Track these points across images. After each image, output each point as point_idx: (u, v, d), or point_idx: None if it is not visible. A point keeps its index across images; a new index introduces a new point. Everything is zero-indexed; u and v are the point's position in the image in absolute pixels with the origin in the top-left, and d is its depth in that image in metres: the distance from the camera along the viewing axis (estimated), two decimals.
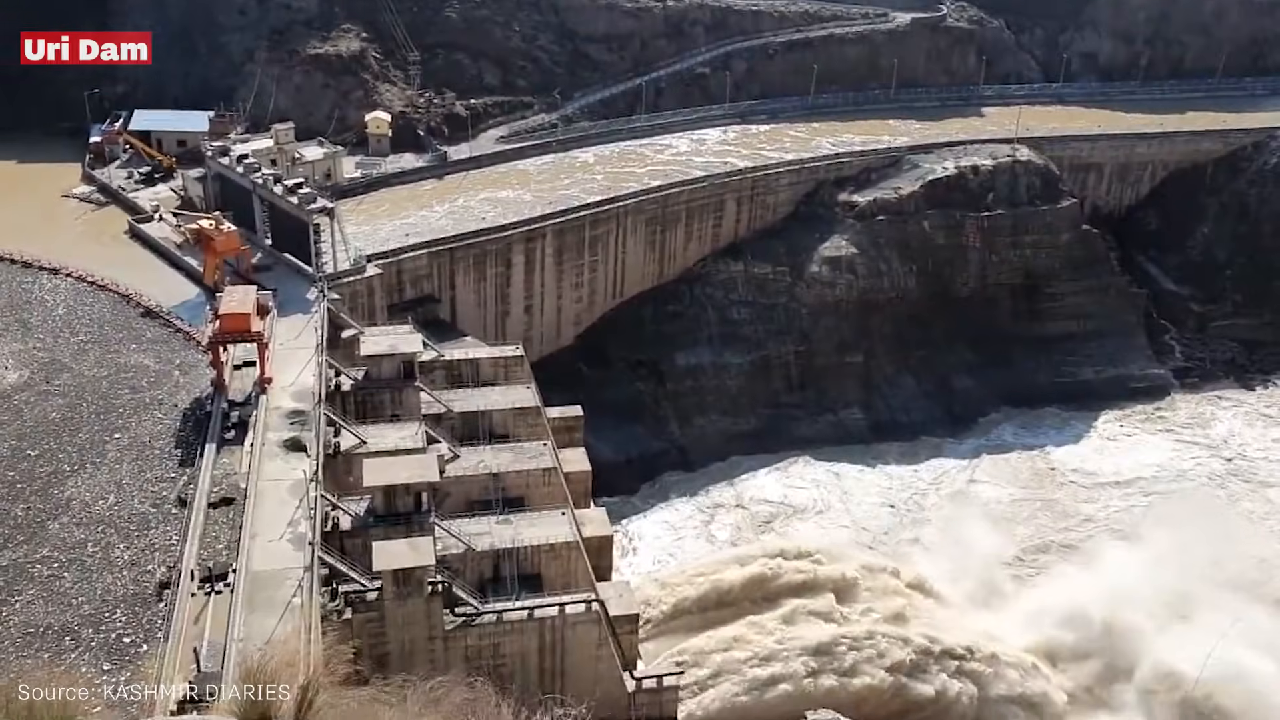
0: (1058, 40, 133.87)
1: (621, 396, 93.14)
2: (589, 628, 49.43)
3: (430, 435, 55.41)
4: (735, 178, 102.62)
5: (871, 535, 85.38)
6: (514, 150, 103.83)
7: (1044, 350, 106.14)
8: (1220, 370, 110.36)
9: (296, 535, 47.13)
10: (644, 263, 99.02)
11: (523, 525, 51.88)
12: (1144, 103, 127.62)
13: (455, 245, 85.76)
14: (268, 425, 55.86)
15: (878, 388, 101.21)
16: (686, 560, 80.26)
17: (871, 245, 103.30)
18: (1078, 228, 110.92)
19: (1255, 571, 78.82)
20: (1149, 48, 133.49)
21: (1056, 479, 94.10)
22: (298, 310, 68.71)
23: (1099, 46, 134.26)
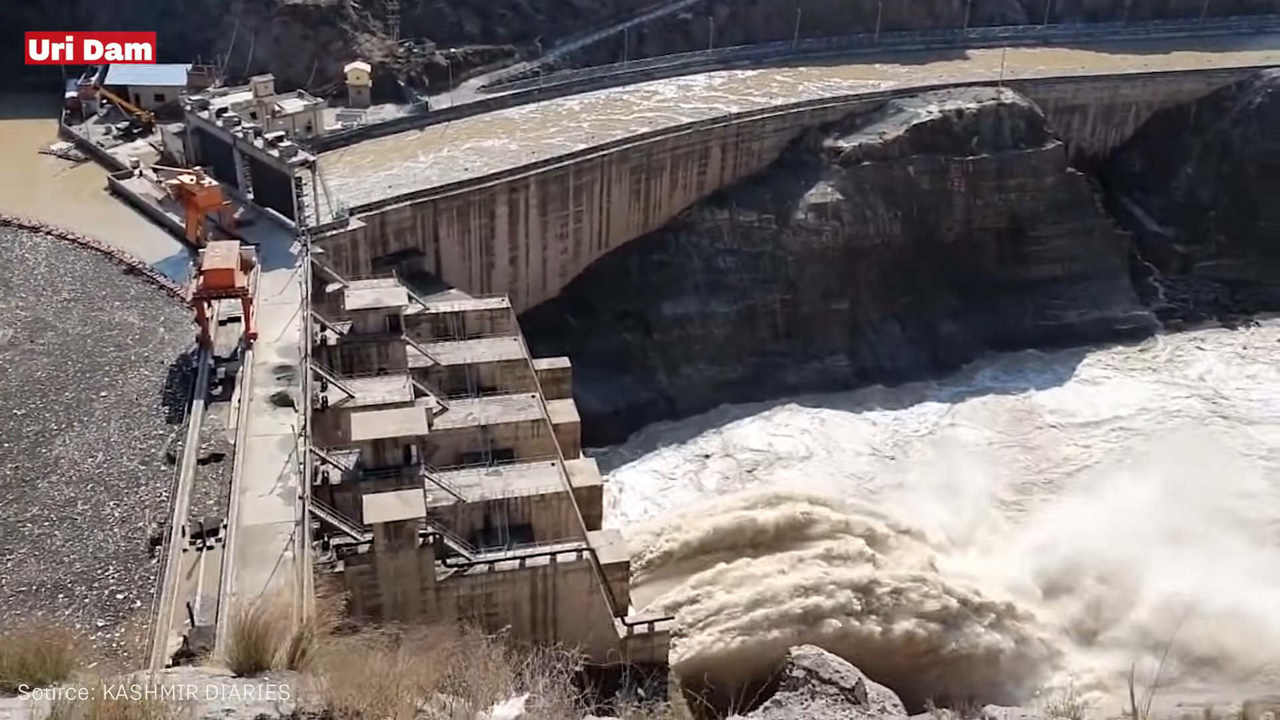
0: None
1: (608, 347, 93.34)
2: (580, 576, 50.08)
3: (418, 388, 55.62)
4: (720, 125, 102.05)
5: (857, 481, 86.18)
6: (495, 100, 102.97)
7: (1028, 294, 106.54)
8: (1204, 311, 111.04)
9: (286, 490, 47.50)
10: (629, 212, 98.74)
11: (513, 476, 52.31)
12: (1129, 43, 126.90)
13: (438, 197, 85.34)
14: (254, 381, 56.02)
15: (863, 334, 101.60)
16: (676, 508, 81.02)
17: (857, 191, 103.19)
18: (1062, 170, 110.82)
19: (1242, 506, 79.94)
20: None
21: (1040, 421, 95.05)
22: (281, 265, 68.55)
23: None
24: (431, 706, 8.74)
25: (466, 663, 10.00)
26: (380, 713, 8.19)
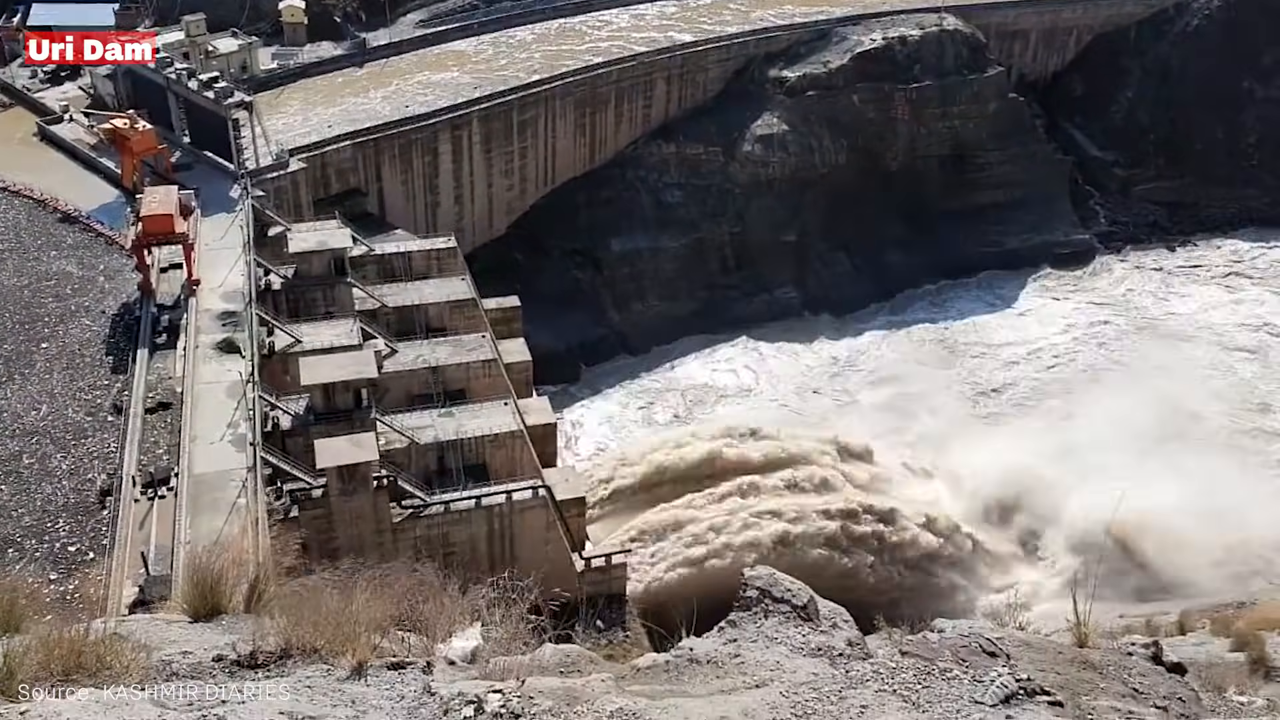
0: None
1: (558, 285, 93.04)
2: (537, 513, 50.50)
3: (366, 331, 55.27)
4: (664, 56, 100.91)
5: (808, 410, 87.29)
6: (435, 34, 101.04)
7: (972, 220, 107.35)
8: (1143, 233, 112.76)
9: (237, 437, 47.27)
10: (575, 147, 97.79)
11: (465, 417, 52.39)
12: None
13: (379, 136, 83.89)
14: (199, 328, 55.40)
15: (811, 265, 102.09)
16: (630, 443, 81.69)
17: (802, 122, 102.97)
18: (1004, 96, 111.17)
19: (1180, 418, 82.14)
20: None
21: (982, 346, 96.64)
22: (222, 209, 67.42)
23: None
24: (390, 641, 8.92)
25: (423, 598, 10.19)
26: (338, 649, 8.36)
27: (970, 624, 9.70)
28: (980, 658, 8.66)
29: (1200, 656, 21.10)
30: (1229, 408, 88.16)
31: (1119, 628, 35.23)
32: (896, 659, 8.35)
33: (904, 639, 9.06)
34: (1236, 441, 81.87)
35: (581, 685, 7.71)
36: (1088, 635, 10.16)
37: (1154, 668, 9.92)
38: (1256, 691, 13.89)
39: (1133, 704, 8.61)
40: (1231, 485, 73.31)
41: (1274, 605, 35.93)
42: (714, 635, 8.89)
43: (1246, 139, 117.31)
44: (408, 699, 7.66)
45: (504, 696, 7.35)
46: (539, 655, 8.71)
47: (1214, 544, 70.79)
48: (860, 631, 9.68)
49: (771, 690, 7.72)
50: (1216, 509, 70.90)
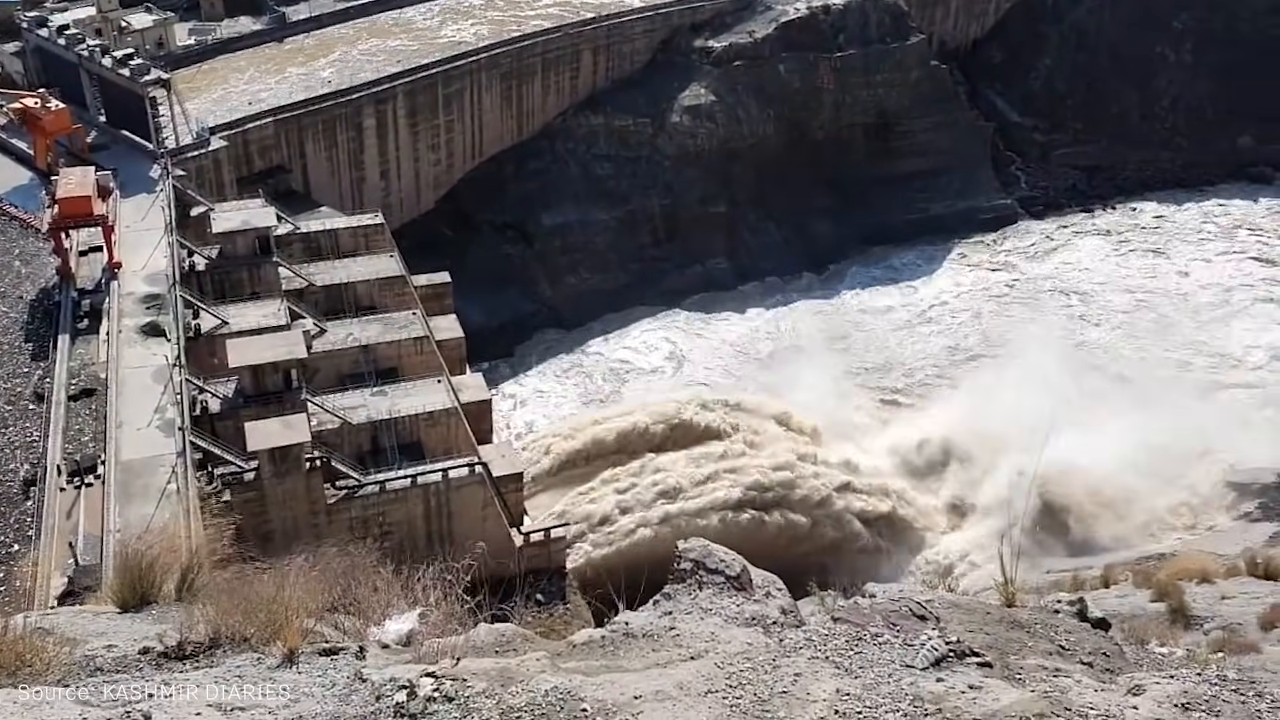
0: None
1: (489, 260, 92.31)
2: (474, 489, 50.32)
3: (294, 311, 54.43)
4: (589, 27, 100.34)
5: (739, 379, 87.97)
6: (356, 8, 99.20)
7: (898, 188, 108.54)
8: (1063, 197, 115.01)
9: (165, 421, 46.36)
10: (502, 120, 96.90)
11: (398, 396, 51.90)
12: None
13: (302, 112, 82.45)
14: (122, 312, 54.08)
15: (741, 236, 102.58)
16: (565, 417, 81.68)
17: (729, 92, 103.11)
18: (927, 64, 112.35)
19: (1097, 377, 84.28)
20: None
21: (907, 312, 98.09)
22: (142, 190, 65.72)
23: None
24: (324, 626, 8.86)
25: (357, 581, 10.12)
26: (269, 637, 8.27)
27: (901, 588, 9.90)
28: (911, 621, 8.84)
29: (1124, 609, 21.77)
30: (1143, 359, 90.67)
31: (1047, 584, 36.24)
32: (829, 626, 8.49)
33: (836, 605, 9.22)
34: (1153, 392, 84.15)
35: (517, 664, 7.73)
36: (1015, 595, 10.42)
37: (1079, 624, 10.21)
38: (1177, 641, 14.38)
39: (1059, 661, 8.86)
40: (1149, 431, 75.44)
41: (1193, 556, 37.13)
42: (649, 609, 8.97)
43: (1160, 103, 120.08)
44: (339, 685, 7.61)
45: (437, 680, 7.34)
46: (474, 636, 8.71)
47: (1136, 494, 73.13)
48: (793, 599, 9.82)
49: (706, 662, 7.82)
50: (1137, 457, 73.13)
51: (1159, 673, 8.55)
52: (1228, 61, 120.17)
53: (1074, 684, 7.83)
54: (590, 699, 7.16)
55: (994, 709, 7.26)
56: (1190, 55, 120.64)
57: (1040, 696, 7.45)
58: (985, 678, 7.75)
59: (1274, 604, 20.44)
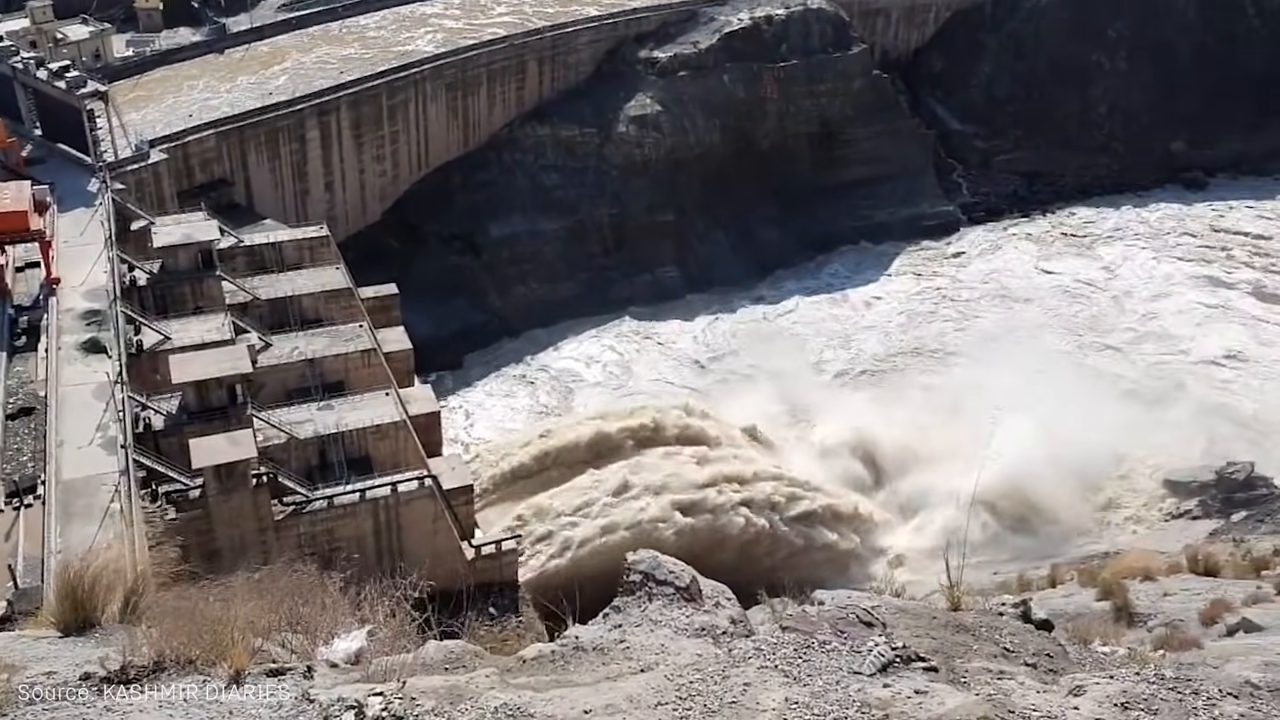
0: None
1: (437, 271, 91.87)
2: (424, 503, 49.93)
3: (238, 325, 53.72)
4: (534, 38, 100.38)
5: (688, 387, 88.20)
6: (298, 19, 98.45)
7: (842, 196, 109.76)
8: (1004, 203, 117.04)
9: (107, 439, 45.49)
10: (448, 131, 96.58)
11: (346, 409, 51.39)
12: None
13: (244, 124, 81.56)
14: (62, 328, 53.03)
15: (690, 244, 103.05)
16: (515, 428, 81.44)
17: (675, 102, 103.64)
18: (869, 73, 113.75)
19: (1033, 375, 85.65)
20: None
21: (854, 316, 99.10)
22: (80, 204, 64.58)
23: None
24: (271, 645, 8.77)
25: (305, 599, 10.03)
26: (214, 658, 8.17)
27: (848, 594, 10.00)
28: (858, 628, 8.95)
29: (1070, 608, 22.16)
30: (1080, 361, 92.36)
31: (994, 586, 36.77)
32: (777, 634, 8.57)
33: (784, 614, 9.31)
34: (1090, 386, 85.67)
35: (466, 682, 7.71)
36: (960, 598, 10.56)
37: (1024, 626, 10.38)
38: (1120, 640, 14.66)
39: (1004, 663, 9.00)
40: (1087, 430, 76.84)
41: (1136, 554, 37.86)
42: (599, 622, 8.99)
43: (1097, 109, 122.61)
44: (287, 707, 7.55)
45: (385, 699, 7.31)
46: (423, 653, 8.67)
47: (1077, 493, 74.48)
48: (744, 608, 9.89)
49: (656, 674, 7.86)
50: (1076, 457, 74.47)
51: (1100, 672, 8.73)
52: (1160, 70, 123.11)
53: (1017, 686, 7.98)
54: (540, 715, 7.17)
55: (939, 713, 7.38)
56: (1125, 63, 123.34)
57: (984, 700, 7.58)
58: (931, 682, 7.87)
59: (1214, 600, 20.94)
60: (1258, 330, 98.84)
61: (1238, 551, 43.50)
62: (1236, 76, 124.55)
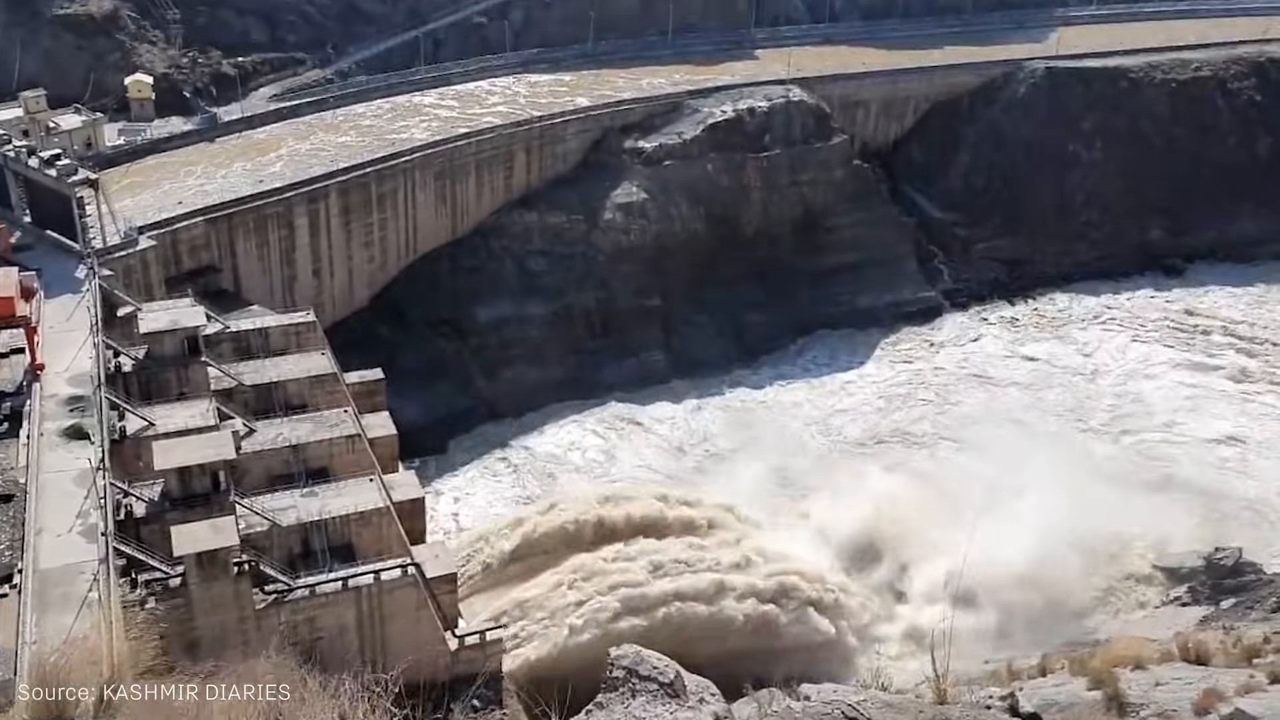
0: None
1: (423, 356, 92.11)
2: (407, 592, 49.27)
3: (222, 411, 53.49)
4: (523, 128, 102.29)
5: (674, 472, 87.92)
6: (289, 109, 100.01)
7: (825, 281, 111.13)
8: (985, 289, 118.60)
9: (87, 527, 44.97)
10: (436, 218, 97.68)
11: (329, 496, 50.96)
12: (904, 40, 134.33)
13: (233, 211, 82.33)
14: (44, 414, 52.71)
15: (676, 329, 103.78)
16: (500, 514, 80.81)
17: (661, 190, 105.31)
18: (850, 163, 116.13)
19: (1013, 463, 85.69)
20: None
21: (840, 400, 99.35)
22: (67, 290, 64.62)
23: None
24: None
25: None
26: None
27: (834, 689, 9.97)
28: None
29: (1061, 698, 21.93)
30: (1064, 445, 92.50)
31: (984, 675, 36.33)
32: None
33: (770, 709, 9.26)
34: (1076, 469, 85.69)
35: None
36: (947, 690, 10.53)
37: (1011, 719, 10.34)
38: None
39: None
40: (1072, 515, 76.65)
41: (1128, 642, 37.50)
42: (581, 719, 8.92)
43: (1075, 198, 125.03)
44: None
45: None
46: None
47: (1065, 580, 74.00)
48: (728, 703, 9.82)
49: None
50: (1064, 543, 74.19)
51: None
52: (1135, 159, 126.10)
53: None
54: None
55: None
56: (1100, 153, 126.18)
57: None
58: None
59: (1206, 689, 20.76)
60: (1240, 412, 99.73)
61: (1229, 639, 43.21)
62: (1209, 166, 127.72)
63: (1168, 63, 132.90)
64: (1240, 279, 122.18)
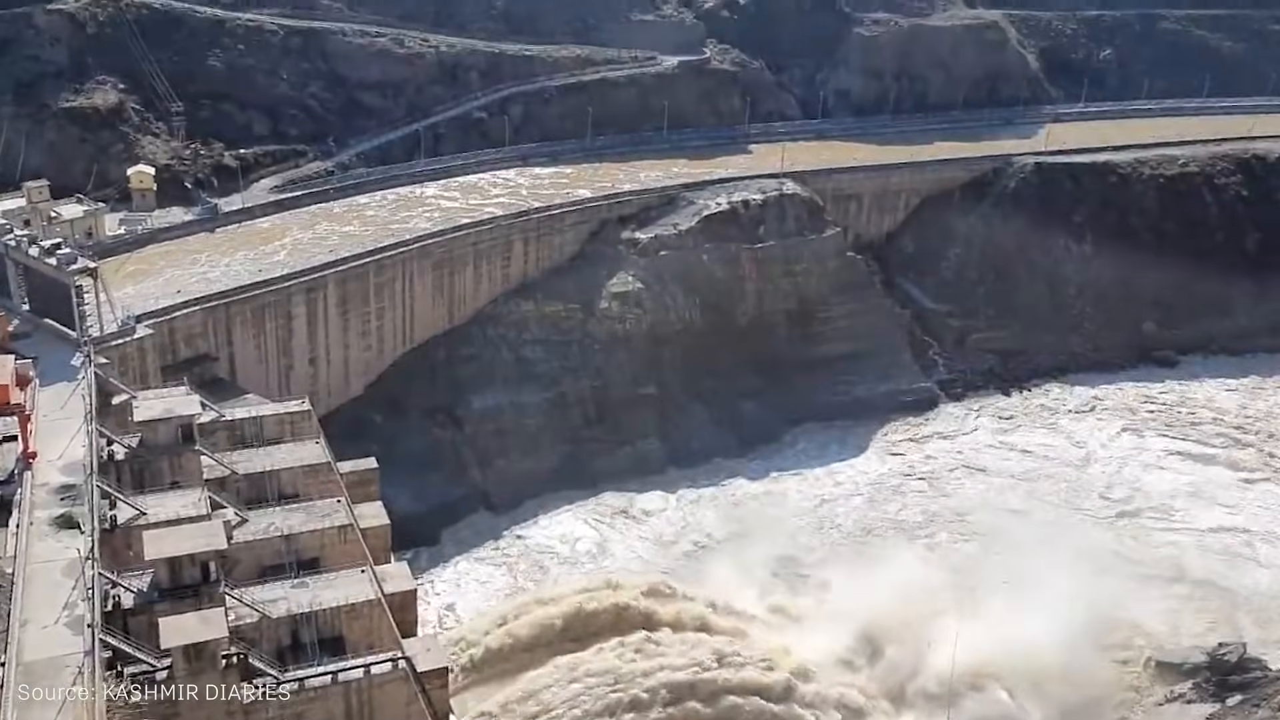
0: (814, 79, 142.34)
1: (418, 444, 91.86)
2: (397, 686, 48.45)
3: (214, 501, 53.15)
4: (521, 219, 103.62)
5: (669, 564, 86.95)
6: (290, 199, 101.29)
7: (821, 371, 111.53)
8: (980, 380, 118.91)
9: (74, 618, 44.34)
10: (433, 307, 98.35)
11: (320, 587, 50.38)
12: (895, 135, 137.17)
13: (231, 300, 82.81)
14: (35, 503, 52.35)
15: (671, 417, 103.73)
16: (494, 606, 79.79)
17: (656, 280, 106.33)
18: (843, 255, 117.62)
19: (1014, 554, 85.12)
20: (896, 84, 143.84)
21: (837, 493, 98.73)
22: (63, 378, 64.70)
23: (851, 84, 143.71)
24: None
25: None
26: None
27: None
28: None
29: None
30: (1061, 536, 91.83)
31: None
32: None
33: None
34: (1077, 560, 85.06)
35: None
36: None
37: None
38: None
39: None
40: (1073, 608, 75.95)
41: None
42: None
43: (1067, 290, 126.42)
44: None
45: None
46: None
47: (1068, 675, 72.94)
48: None
49: None
50: (1064, 637, 73.33)
51: None
52: (1125, 253, 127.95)
53: None
54: None
55: None
56: (1091, 247, 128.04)
57: None
58: None
59: None
60: (1239, 502, 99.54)
61: None
62: (1199, 260, 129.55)
63: (1155, 159, 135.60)
64: (1233, 371, 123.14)
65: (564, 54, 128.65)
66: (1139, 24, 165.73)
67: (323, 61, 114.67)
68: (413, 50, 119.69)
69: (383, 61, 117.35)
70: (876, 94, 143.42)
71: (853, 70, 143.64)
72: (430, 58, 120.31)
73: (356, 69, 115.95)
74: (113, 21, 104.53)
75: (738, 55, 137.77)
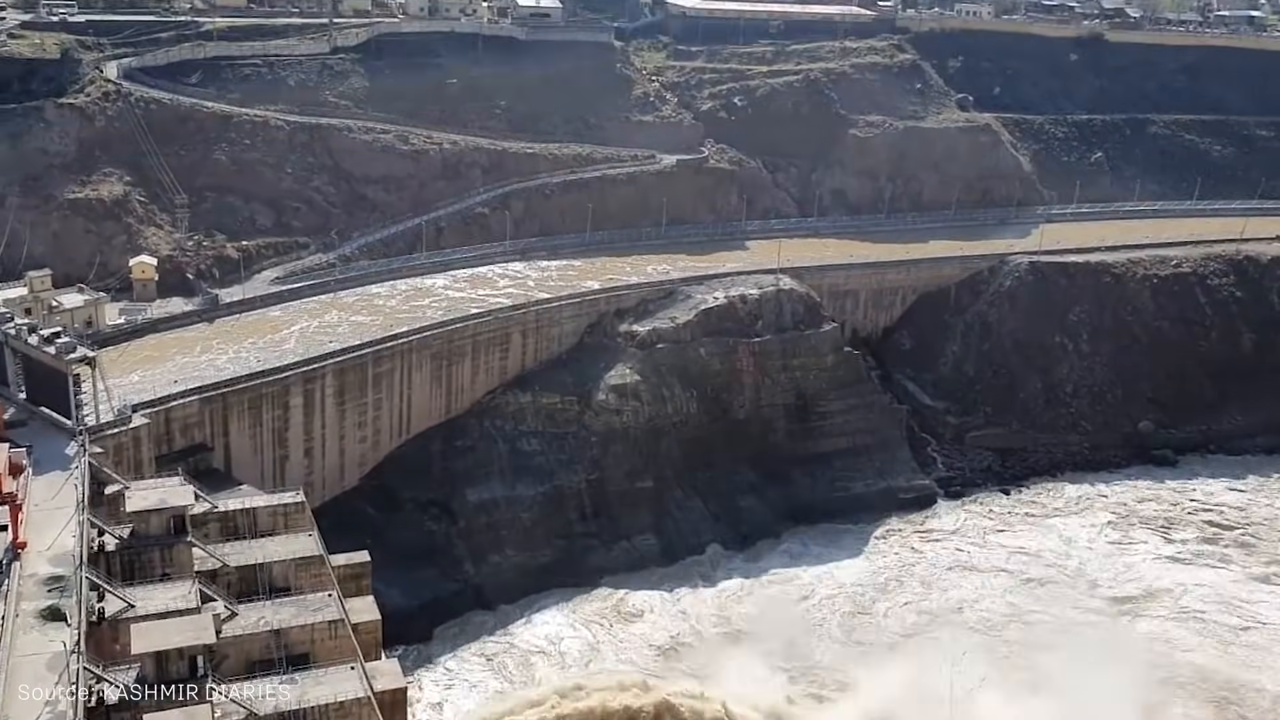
0: (810, 178, 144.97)
1: (412, 538, 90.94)
2: None
3: (205, 593, 52.39)
4: (519, 311, 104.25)
5: (668, 663, 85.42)
6: (290, 291, 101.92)
7: (818, 466, 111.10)
8: (979, 477, 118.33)
9: (56, 715, 43.35)
10: (430, 398, 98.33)
11: (309, 684, 49.41)
12: (890, 234, 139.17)
13: (228, 390, 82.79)
14: (22, 594, 51.57)
15: (668, 511, 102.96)
16: (488, 706, 78.14)
17: (654, 373, 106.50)
18: (840, 349, 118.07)
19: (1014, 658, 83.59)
20: (891, 184, 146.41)
21: (839, 591, 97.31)
22: (56, 467, 64.28)
23: (847, 183, 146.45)
24: None
25: None
26: None
27: None
28: None
29: None
30: (1076, 630, 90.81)
31: None
32: None
33: None
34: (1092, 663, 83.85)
35: None
36: None
37: None
38: None
39: None
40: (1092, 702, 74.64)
41: None
42: None
43: (1064, 388, 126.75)
44: None
45: None
46: None
47: None
48: None
49: None
50: None
51: None
52: (1121, 352, 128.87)
53: None
54: None
55: None
56: (1087, 345, 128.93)
57: None
58: None
59: None
60: (1246, 601, 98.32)
61: None
62: (1195, 359, 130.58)
63: (1148, 259, 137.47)
64: (1232, 471, 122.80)
65: (565, 152, 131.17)
66: (1129, 128, 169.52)
67: (328, 156, 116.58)
68: (417, 147, 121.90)
69: (387, 157, 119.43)
70: (871, 193, 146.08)
71: (848, 170, 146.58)
72: (434, 154, 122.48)
73: (361, 164, 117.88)
74: (121, 116, 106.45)
75: (735, 154, 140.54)
